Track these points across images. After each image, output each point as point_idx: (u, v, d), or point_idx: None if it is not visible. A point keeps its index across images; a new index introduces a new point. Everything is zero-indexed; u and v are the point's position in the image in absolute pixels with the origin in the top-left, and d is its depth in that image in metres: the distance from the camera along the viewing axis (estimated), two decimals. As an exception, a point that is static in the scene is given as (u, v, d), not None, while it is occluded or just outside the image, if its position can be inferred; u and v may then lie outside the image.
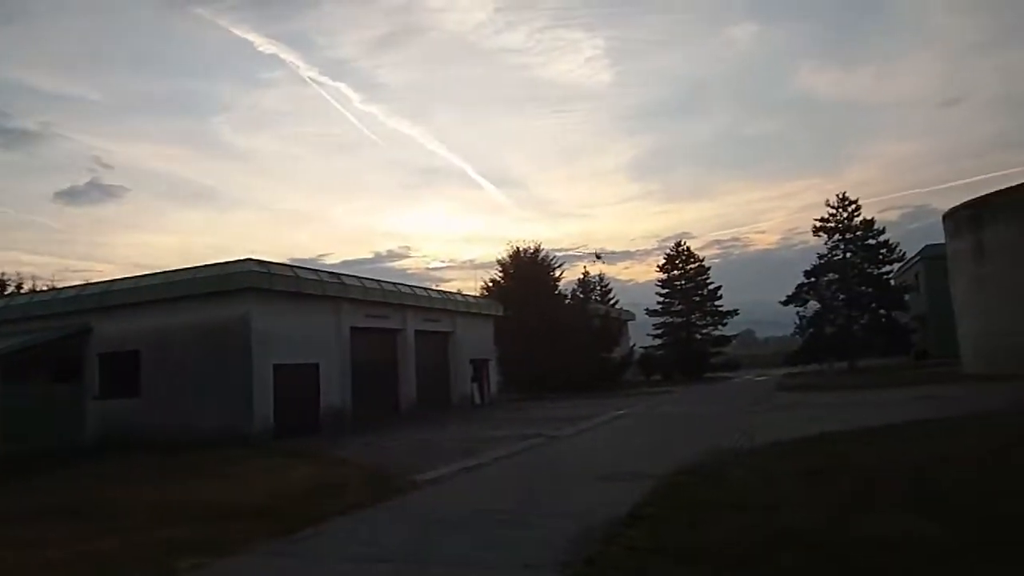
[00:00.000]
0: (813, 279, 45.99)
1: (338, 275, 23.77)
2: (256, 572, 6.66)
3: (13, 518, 9.74)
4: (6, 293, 31.21)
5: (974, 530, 5.79)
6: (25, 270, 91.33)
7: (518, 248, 43.34)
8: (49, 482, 13.25)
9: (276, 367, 19.47)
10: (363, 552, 7.06)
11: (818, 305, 46.06)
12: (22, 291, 32.02)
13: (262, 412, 18.84)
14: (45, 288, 31.55)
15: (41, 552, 7.47)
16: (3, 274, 32.58)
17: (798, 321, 46.89)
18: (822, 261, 45.91)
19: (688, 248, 55.04)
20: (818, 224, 46.02)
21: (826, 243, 45.92)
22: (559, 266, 44.53)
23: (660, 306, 54.92)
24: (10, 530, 8.81)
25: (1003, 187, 27.02)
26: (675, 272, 54.45)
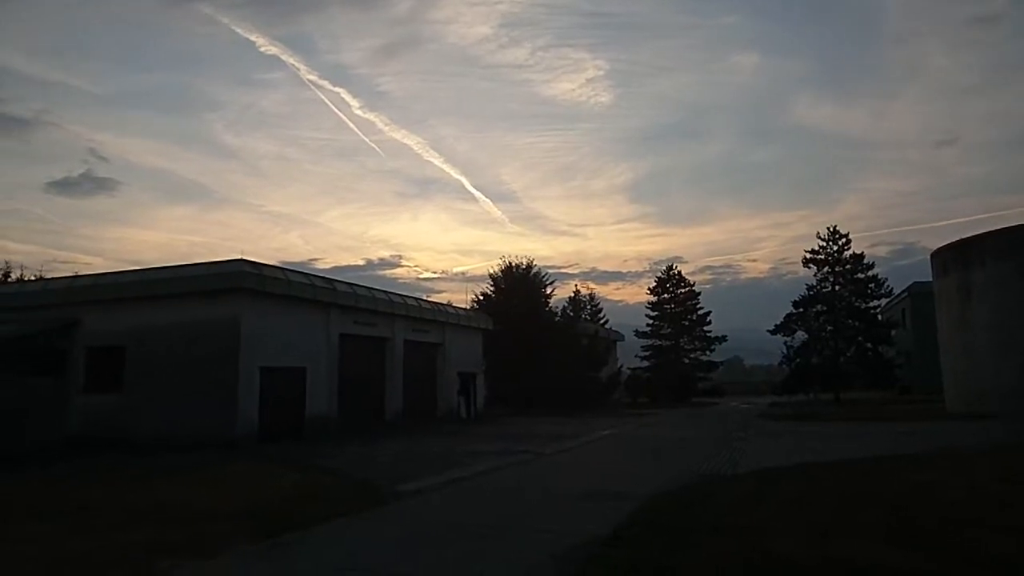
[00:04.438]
0: (801, 310, 46.34)
1: (329, 280, 23.76)
2: (235, 575, 6.63)
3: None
4: (-7, 282, 30.91)
5: (946, 559, 5.88)
6: (13, 259, 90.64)
7: (510, 263, 43.52)
8: (27, 480, 13.10)
9: (263, 370, 19.40)
10: (342, 561, 7.04)
11: (805, 336, 46.41)
12: (9, 280, 31.72)
13: (247, 415, 18.73)
14: (33, 278, 31.33)
15: (17, 550, 7.40)
16: (-10, 262, 32.26)
17: (785, 351, 47.21)
18: (811, 292, 46.29)
19: (679, 272, 55.51)
20: (808, 255, 46.51)
21: (816, 275, 46.39)
22: (551, 283, 44.73)
23: (649, 328, 55.16)
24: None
25: (992, 229, 27.41)
26: (665, 295, 54.75)
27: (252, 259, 20.38)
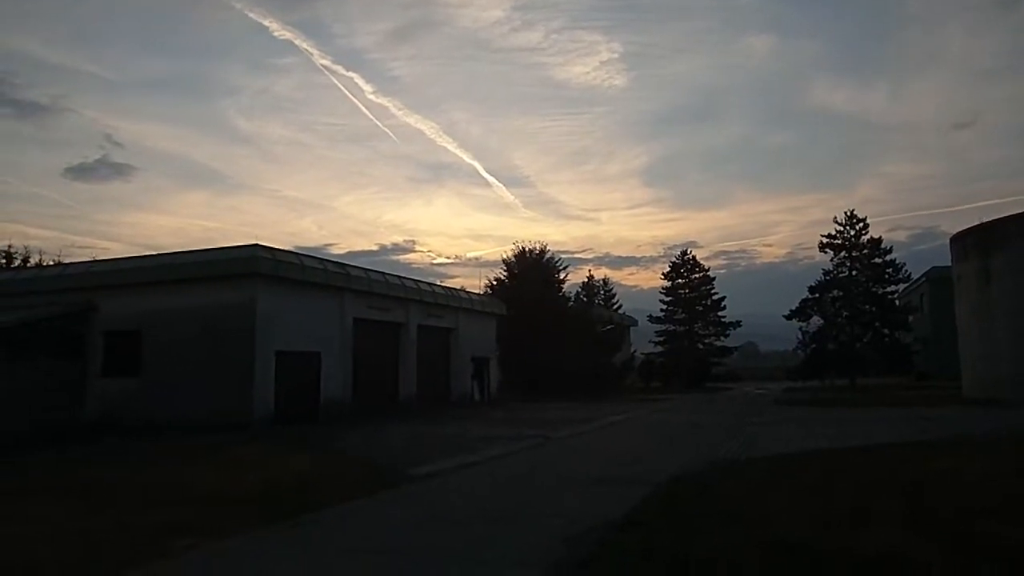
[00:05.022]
0: (817, 295, 45.92)
1: (343, 266, 23.83)
2: (248, 555, 6.69)
3: (8, 494, 9.79)
4: (13, 266, 31.30)
5: (962, 548, 5.82)
6: (32, 243, 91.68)
7: (524, 248, 43.42)
8: (46, 460, 13.31)
9: (278, 354, 19.54)
10: (355, 542, 7.09)
11: (821, 321, 46.00)
12: (29, 265, 32.10)
13: (263, 398, 18.90)
14: (51, 263, 31.67)
15: (35, 529, 7.52)
16: (10, 247, 32.67)
17: (800, 336, 46.86)
18: (827, 278, 45.83)
19: (694, 257, 55.12)
20: (825, 240, 45.99)
21: (832, 260, 45.91)
22: (564, 268, 44.61)
23: (663, 313, 54.93)
24: (3, 506, 8.86)
25: (1013, 212, 26.92)
26: (680, 280, 54.43)
27: (267, 244, 20.48)
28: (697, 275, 54.51)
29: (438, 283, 31.89)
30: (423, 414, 23.31)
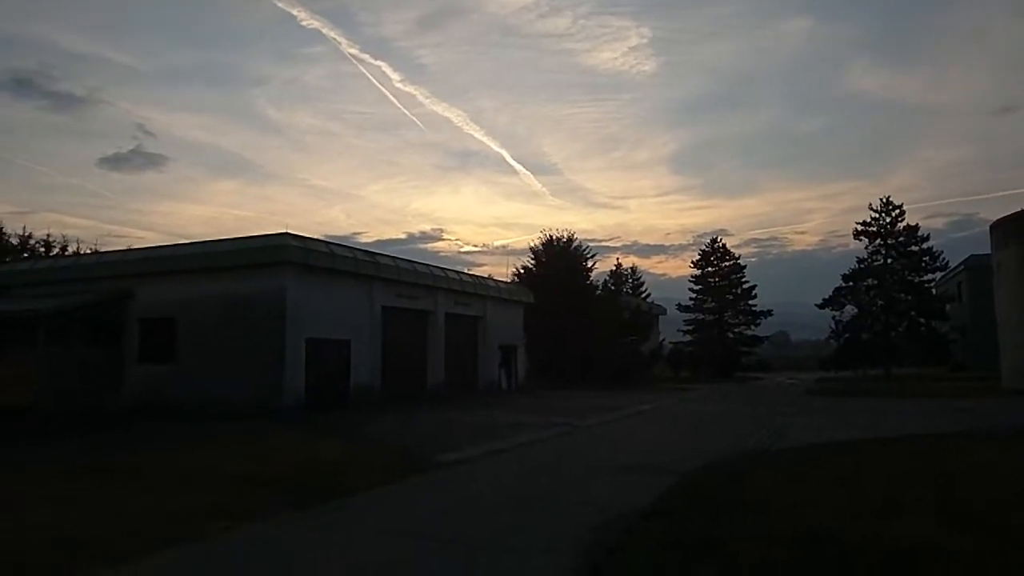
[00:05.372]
0: (852, 283, 45.09)
1: (372, 254, 24.02)
2: (281, 538, 6.84)
3: (50, 476, 10.11)
4: (51, 254, 32.13)
5: (996, 541, 5.71)
6: (70, 232, 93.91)
7: (551, 236, 43.26)
8: (85, 444, 13.69)
9: (308, 341, 19.80)
10: (385, 527, 7.20)
11: (855, 310, 45.18)
12: (67, 253, 32.92)
13: (293, 385, 19.19)
14: (88, 251, 32.44)
15: (78, 510, 7.76)
16: (48, 235, 33.50)
17: (834, 326, 46.11)
18: (862, 266, 44.94)
19: (724, 245, 54.46)
20: (860, 228, 45.05)
21: (867, 248, 44.97)
22: (592, 256, 44.40)
23: (692, 302, 54.47)
24: (46, 487, 9.15)
25: (1057, 199, 26.10)
26: (709, 269, 53.88)
27: (296, 233, 20.72)
28: (727, 263, 53.88)
29: (465, 271, 32.01)
30: (451, 401, 23.47)
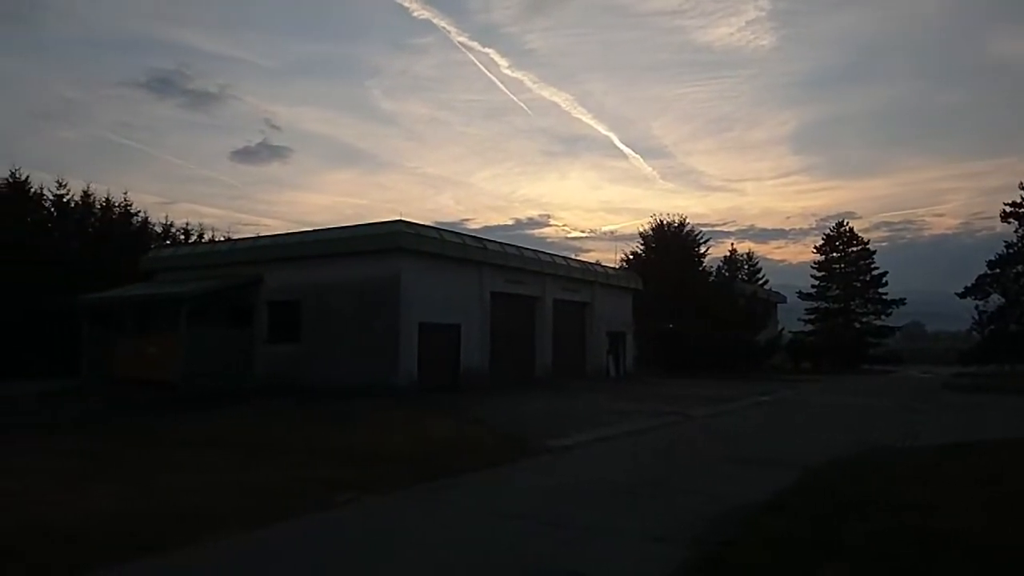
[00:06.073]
0: (998, 270, 41.18)
1: (481, 240, 24.36)
2: (401, 511, 7.12)
3: (191, 446, 11.02)
4: (189, 242, 34.72)
5: None
6: (205, 221, 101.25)
7: (661, 221, 42.30)
8: (222, 418, 14.79)
9: (421, 325, 20.40)
10: (496, 506, 7.32)
11: (1002, 300, 41.24)
12: (203, 240, 35.47)
13: (407, 367, 19.85)
14: (222, 239, 34.83)
15: (215, 477, 8.41)
16: (187, 224, 36.18)
17: (976, 316, 42.28)
18: (1010, 251, 40.91)
19: (851, 229, 51.19)
20: (1008, 209, 40.96)
21: (1016, 231, 40.82)
22: (704, 242, 43.03)
23: (815, 290, 51.69)
24: (187, 456, 9.99)
25: None
26: (834, 255, 50.89)
27: (409, 220, 21.34)
28: (854, 248, 50.61)
29: (573, 257, 31.86)
30: (558, 388, 23.50)
